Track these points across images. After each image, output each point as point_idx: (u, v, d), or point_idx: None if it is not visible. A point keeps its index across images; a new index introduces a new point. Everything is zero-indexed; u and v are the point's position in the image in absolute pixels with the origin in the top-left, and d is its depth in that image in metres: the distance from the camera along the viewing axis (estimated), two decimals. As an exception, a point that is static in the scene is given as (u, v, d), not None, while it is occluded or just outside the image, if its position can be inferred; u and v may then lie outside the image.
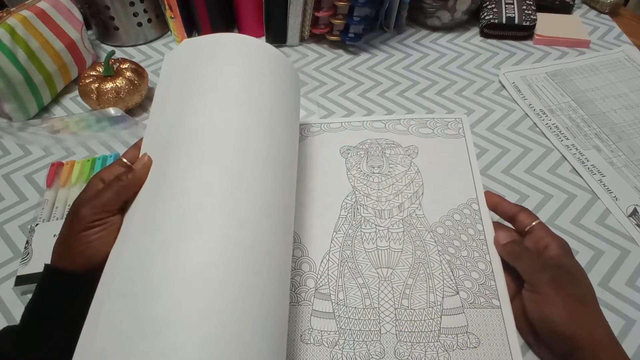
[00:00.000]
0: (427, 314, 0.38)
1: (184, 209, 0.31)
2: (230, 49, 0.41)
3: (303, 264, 0.41)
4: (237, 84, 0.38)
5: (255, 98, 0.38)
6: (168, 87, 0.41)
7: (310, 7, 0.68)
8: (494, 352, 0.35)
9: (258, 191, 0.33)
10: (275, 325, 0.30)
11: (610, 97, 0.61)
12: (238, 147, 0.35)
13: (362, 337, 0.37)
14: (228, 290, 0.28)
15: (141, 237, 0.31)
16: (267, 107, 0.39)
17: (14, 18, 0.57)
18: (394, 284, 0.39)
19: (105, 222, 0.33)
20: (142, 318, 0.27)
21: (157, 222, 0.31)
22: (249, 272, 0.29)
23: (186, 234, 0.30)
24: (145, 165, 0.36)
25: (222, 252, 0.29)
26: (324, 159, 0.49)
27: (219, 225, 0.30)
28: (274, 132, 0.38)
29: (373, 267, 0.41)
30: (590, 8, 0.81)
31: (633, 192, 0.49)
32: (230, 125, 0.36)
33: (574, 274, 0.35)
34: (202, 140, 0.35)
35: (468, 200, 0.44)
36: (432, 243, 0.42)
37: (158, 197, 0.33)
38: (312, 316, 0.38)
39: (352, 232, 0.43)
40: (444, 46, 0.73)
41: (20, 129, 0.59)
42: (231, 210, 0.31)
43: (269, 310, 0.30)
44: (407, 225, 0.43)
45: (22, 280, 0.42)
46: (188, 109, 0.37)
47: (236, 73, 0.39)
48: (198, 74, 0.39)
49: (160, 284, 0.28)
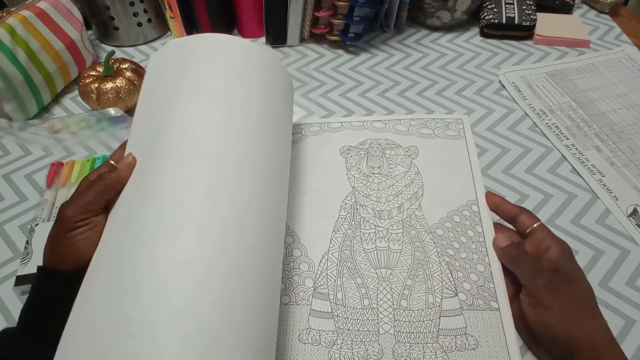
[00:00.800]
0: (426, 315, 0.38)
1: (163, 207, 0.31)
2: (215, 50, 0.41)
3: (302, 263, 0.41)
4: (221, 84, 0.38)
5: (241, 98, 0.38)
6: (153, 87, 0.41)
7: (310, 7, 0.68)
8: (492, 354, 0.35)
9: (243, 190, 0.33)
10: (261, 325, 0.29)
11: (610, 97, 0.61)
12: (221, 146, 0.34)
13: (360, 337, 0.37)
14: (208, 291, 0.27)
15: (121, 236, 0.31)
16: (253, 106, 0.38)
17: (14, 18, 0.57)
18: (393, 285, 0.39)
19: (90, 222, 0.33)
20: (119, 318, 0.26)
21: (136, 221, 0.31)
22: (232, 272, 0.29)
23: (164, 233, 0.29)
24: (128, 164, 0.36)
25: (202, 252, 0.29)
26: (323, 158, 0.49)
27: (198, 224, 0.30)
28: (261, 131, 0.37)
29: (372, 268, 0.41)
30: (590, 8, 0.80)
31: (633, 192, 0.49)
32: (214, 125, 0.35)
33: (571, 277, 0.35)
34: (184, 139, 0.34)
35: (468, 202, 0.44)
36: (432, 244, 0.42)
37: (138, 196, 0.33)
38: (311, 316, 0.38)
39: (352, 232, 0.43)
40: (444, 46, 0.73)
41: (20, 129, 0.59)
42: (212, 209, 0.31)
43: (254, 310, 0.29)
44: (407, 226, 0.43)
45: (22, 280, 0.42)
46: (171, 109, 0.37)
47: (220, 73, 0.39)
48: (182, 74, 0.39)
49: (136, 284, 0.27)
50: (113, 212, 0.34)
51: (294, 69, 0.70)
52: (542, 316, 0.34)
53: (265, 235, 0.33)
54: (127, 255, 0.29)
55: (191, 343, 0.25)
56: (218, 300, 0.28)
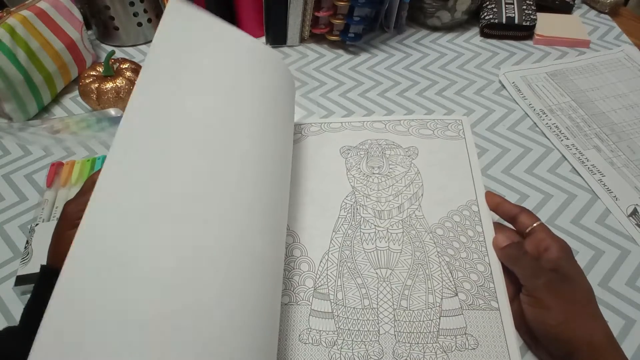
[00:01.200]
0: (426, 315, 0.38)
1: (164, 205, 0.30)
2: (221, 44, 0.40)
3: (302, 263, 0.41)
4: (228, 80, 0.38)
5: (245, 96, 0.38)
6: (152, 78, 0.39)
7: (310, 7, 0.68)
8: (492, 354, 0.35)
9: (244, 190, 0.33)
10: (262, 325, 0.29)
11: (610, 97, 0.61)
12: (224, 143, 0.34)
13: (360, 337, 0.37)
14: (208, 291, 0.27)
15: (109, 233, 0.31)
16: (256, 105, 0.38)
17: (14, 18, 0.57)
18: (393, 285, 0.39)
19: None
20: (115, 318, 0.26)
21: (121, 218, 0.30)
22: (233, 271, 0.29)
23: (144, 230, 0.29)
24: None
25: (202, 251, 0.28)
26: (323, 158, 0.49)
27: (199, 222, 0.30)
28: (263, 130, 0.37)
29: (372, 268, 0.41)
30: (590, 8, 0.80)
31: (633, 192, 0.49)
32: (217, 122, 0.35)
33: (571, 277, 0.35)
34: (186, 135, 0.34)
35: (468, 202, 0.44)
36: (432, 244, 0.42)
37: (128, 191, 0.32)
38: (311, 316, 0.38)
39: (352, 232, 0.43)
40: (444, 46, 0.73)
41: (20, 129, 0.59)
42: (214, 207, 0.30)
43: (255, 310, 0.29)
44: (407, 226, 0.43)
45: (22, 280, 0.42)
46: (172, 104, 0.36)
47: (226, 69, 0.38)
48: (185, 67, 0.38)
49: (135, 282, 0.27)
50: None
51: (294, 69, 0.70)
52: (542, 316, 0.34)
53: (267, 235, 0.33)
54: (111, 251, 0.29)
55: (191, 342, 0.25)
56: (218, 300, 0.27)
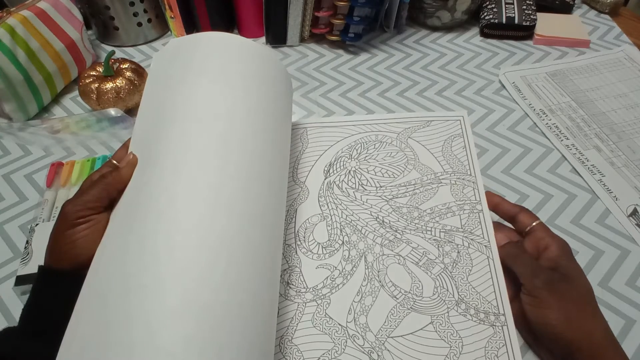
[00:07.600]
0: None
1: (164, 206, 0.30)
2: (216, 48, 0.41)
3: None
4: (223, 83, 0.38)
5: (242, 97, 0.38)
6: (155, 86, 0.41)
7: (310, 7, 0.68)
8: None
9: (243, 190, 0.33)
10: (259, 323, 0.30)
11: (610, 97, 0.61)
12: (223, 145, 0.34)
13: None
14: (207, 290, 0.27)
15: (120, 234, 0.31)
16: (253, 105, 0.38)
17: (14, 18, 0.57)
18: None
19: (90, 219, 0.33)
20: (116, 317, 0.27)
21: (138, 220, 0.31)
22: (232, 271, 0.29)
23: (164, 232, 0.29)
24: (130, 163, 0.36)
25: (202, 251, 0.29)
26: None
27: (199, 224, 0.30)
28: (261, 130, 0.37)
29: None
30: (590, 8, 0.81)
31: (633, 192, 0.49)
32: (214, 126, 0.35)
33: (570, 276, 0.35)
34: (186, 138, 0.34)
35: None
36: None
37: (141, 195, 0.33)
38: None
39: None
40: (444, 46, 0.73)
41: (20, 129, 0.59)
42: (214, 209, 0.31)
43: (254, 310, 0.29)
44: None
45: (22, 280, 0.42)
46: (173, 108, 0.37)
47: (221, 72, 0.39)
48: (184, 74, 0.39)
49: (133, 282, 0.28)
50: (114, 211, 0.35)
51: (294, 69, 0.70)
52: (542, 315, 0.34)
53: (265, 235, 0.33)
54: (127, 254, 0.29)
55: (191, 341, 0.26)
56: (217, 299, 0.28)
